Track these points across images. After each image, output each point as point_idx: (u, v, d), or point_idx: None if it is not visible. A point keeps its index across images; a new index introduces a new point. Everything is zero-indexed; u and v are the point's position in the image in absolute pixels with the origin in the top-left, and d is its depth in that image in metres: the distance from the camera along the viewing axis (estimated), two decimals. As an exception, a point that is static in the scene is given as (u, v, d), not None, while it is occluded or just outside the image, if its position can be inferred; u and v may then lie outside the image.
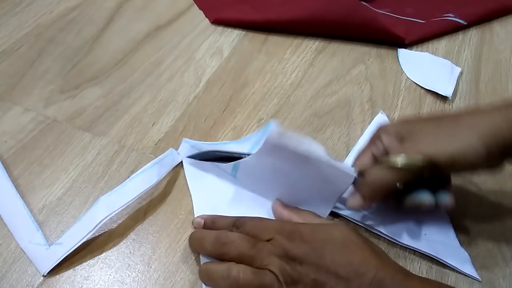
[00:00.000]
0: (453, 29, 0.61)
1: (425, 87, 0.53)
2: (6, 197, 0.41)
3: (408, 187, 0.37)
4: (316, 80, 0.54)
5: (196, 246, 0.37)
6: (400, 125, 0.39)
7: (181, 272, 0.37)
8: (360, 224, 0.40)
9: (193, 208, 0.41)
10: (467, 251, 0.39)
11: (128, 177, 0.43)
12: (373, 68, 0.56)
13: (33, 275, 0.36)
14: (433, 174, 0.35)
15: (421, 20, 0.62)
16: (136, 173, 0.41)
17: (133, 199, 0.39)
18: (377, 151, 0.38)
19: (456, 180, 0.44)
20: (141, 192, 0.40)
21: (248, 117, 0.49)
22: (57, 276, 0.36)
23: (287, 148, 0.37)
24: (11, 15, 0.61)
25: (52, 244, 0.37)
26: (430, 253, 0.38)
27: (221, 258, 0.35)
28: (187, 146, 0.45)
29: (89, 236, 0.37)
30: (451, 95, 0.52)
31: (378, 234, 0.40)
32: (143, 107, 0.50)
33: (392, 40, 0.58)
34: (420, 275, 0.37)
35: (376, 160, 0.38)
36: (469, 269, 0.38)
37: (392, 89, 0.53)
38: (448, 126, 0.36)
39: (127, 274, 0.37)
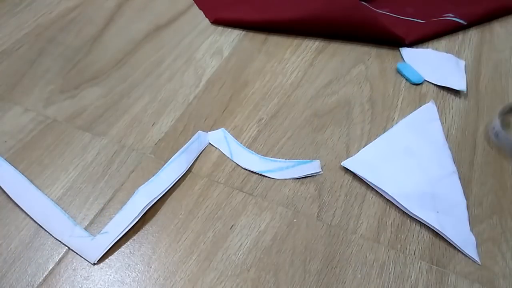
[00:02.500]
0: (453, 29, 0.61)
1: (437, 84, 0.53)
2: (35, 199, 0.41)
3: None
4: (316, 80, 0.54)
5: None
6: None
7: (181, 272, 0.37)
8: (375, 187, 0.42)
9: None
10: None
11: (129, 177, 0.43)
12: (373, 68, 0.56)
13: (33, 275, 0.36)
14: None
15: (421, 20, 0.62)
16: (166, 163, 0.43)
17: (168, 186, 0.41)
18: None
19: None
20: (175, 180, 0.42)
21: (248, 117, 0.49)
22: (57, 276, 0.36)
23: None
24: (11, 15, 0.61)
25: (97, 234, 0.39)
26: (437, 228, 0.39)
27: None
28: (221, 134, 0.47)
29: (133, 224, 0.39)
30: (465, 89, 0.52)
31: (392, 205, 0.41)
32: (143, 107, 0.50)
33: (392, 40, 0.58)
34: (420, 275, 0.38)
35: None
36: (471, 252, 0.39)
37: (392, 89, 0.53)
38: None
39: (127, 274, 0.37)
